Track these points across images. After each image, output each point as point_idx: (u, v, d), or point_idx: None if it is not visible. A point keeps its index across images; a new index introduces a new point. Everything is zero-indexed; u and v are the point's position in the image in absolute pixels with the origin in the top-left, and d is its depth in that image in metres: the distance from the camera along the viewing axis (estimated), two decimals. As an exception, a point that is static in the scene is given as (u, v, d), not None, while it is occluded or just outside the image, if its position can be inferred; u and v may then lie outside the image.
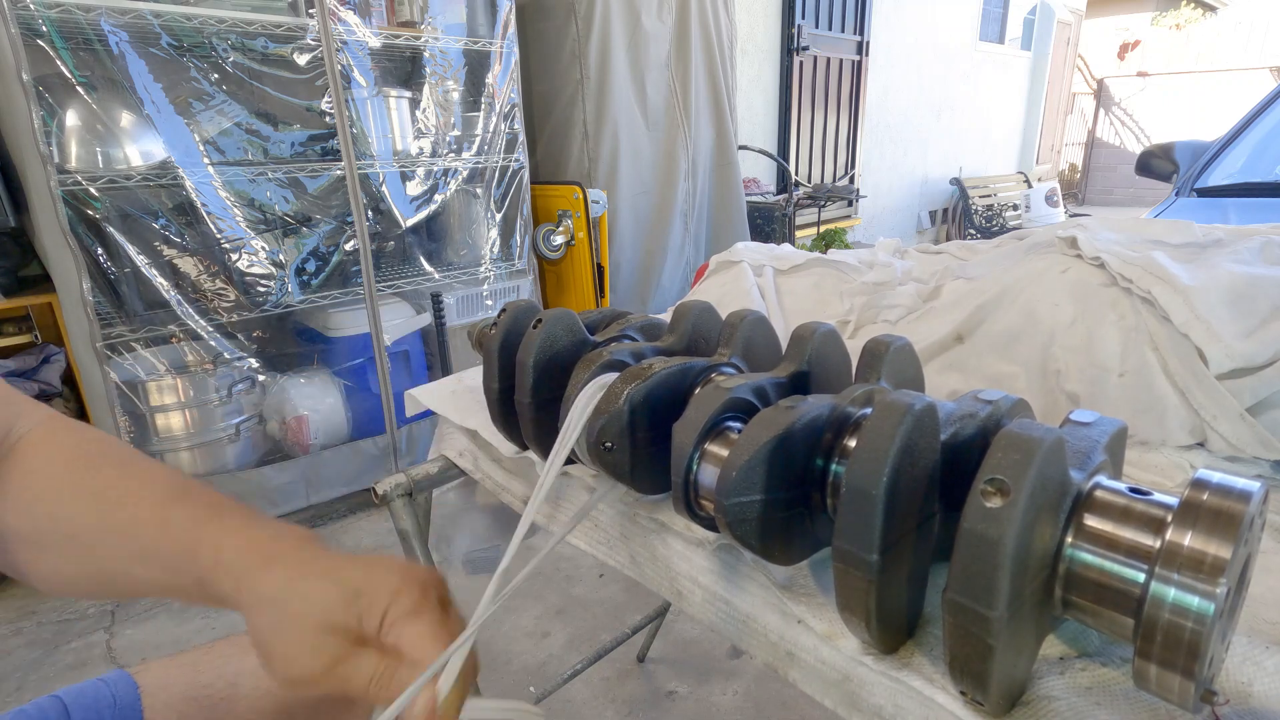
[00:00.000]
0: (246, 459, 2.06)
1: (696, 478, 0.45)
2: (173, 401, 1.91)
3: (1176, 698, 0.31)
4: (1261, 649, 0.37)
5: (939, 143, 6.30)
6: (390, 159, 2.21)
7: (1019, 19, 6.94)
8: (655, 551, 0.56)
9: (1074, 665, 0.38)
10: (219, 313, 1.95)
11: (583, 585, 1.91)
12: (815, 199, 4.22)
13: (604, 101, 2.66)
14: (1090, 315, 0.67)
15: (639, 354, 0.57)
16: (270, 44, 1.92)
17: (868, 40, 4.91)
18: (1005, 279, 0.76)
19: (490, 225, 2.48)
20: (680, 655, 1.66)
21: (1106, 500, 0.35)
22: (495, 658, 1.66)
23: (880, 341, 0.51)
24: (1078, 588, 0.35)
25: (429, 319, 2.33)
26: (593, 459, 0.51)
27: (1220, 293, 0.62)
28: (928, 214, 6.41)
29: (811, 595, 0.46)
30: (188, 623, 1.80)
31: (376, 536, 2.16)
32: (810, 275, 1.00)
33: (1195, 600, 0.29)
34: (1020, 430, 0.32)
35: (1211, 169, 1.98)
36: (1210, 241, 0.75)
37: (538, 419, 0.57)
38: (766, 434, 0.40)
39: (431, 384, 0.84)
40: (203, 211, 1.87)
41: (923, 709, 0.38)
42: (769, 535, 0.41)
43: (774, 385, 0.49)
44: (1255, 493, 0.30)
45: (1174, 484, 0.56)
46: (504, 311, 0.61)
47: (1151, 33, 9.60)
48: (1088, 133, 9.63)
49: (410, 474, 0.75)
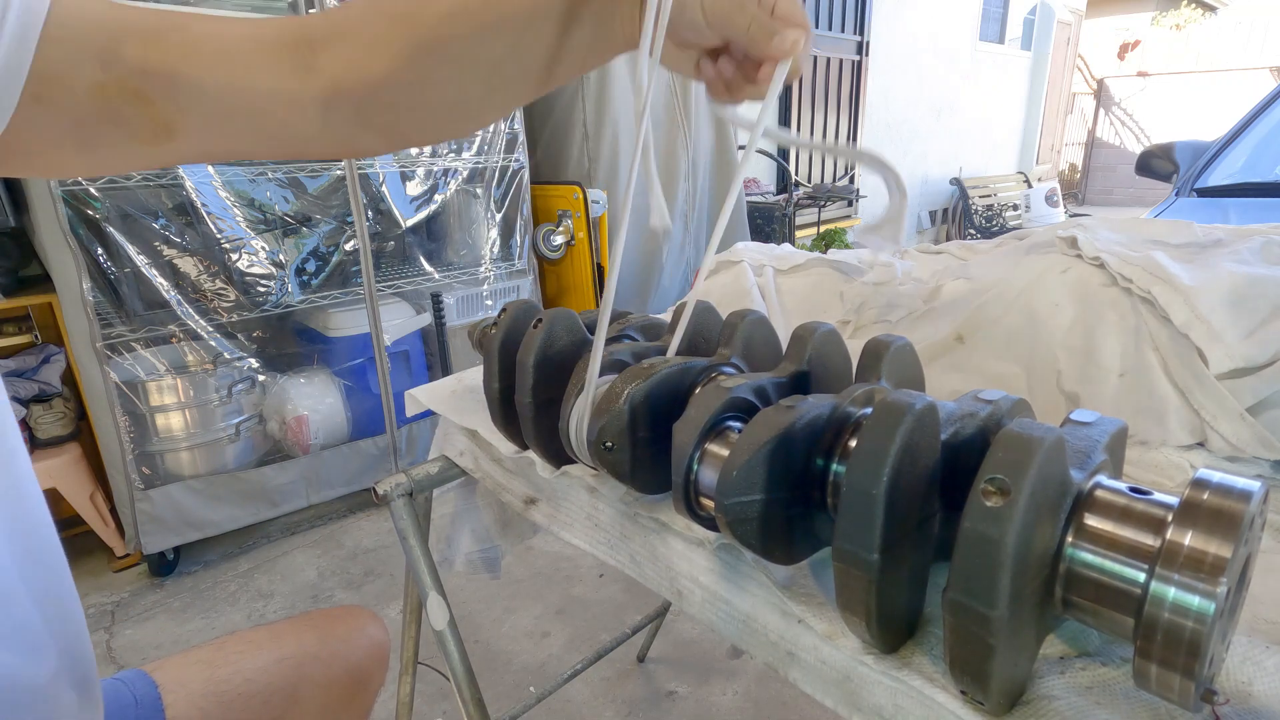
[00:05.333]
0: (246, 459, 2.06)
1: (697, 477, 0.45)
2: (173, 401, 1.91)
3: (1177, 697, 0.31)
4: (1262, 648, 0.37)
5: (939, 143, 6.30)
6: (390, 159, 2.21)
7: (1019, 19, 6.94)
8: (655, 551, 0.56)
9: (1074, 665, 0.38)
10: (219, 313, 1.95)
11: (583, 585, 1.91)
12: (815, 199, 4.22)
13: (604, 101, 2.65)
14: (1090, 315, 0.68)
15: (639, 354, 0.57)
16: (270, 44, 1.91)
17: (868, 40, 4.91)
18: (1005, 279, 0.76)
19: (490, 225, 2.48)
20: (680, 655, 1.66)
21: (1107, 500, 0.35)
22: (495, 658, 1.67)
23: (880, 341, 0.51)
24: (1078, 587, 0.35)
25: (429, 319, 2.33)
26: (593, 458, 0.51)
27: (1220, 293, 0.62)
28: (928, 214, 6.41)
29: (812, 595, 0.46)
30: (188, 623, 1.80)
31: (376, 536, 2.16)
32: (810, 275, 1.00)
33: (1195, 600, 0.29)
34: (1020, 430, 0.32)
35: (1211, 169, 1.98)
36: (1210, 241, 0.75)
37: (538, 419, 0.57)
38: (767, 434, 0.40)
39: (431, 384, 0.84)
40: (203, 211, 1.87)
41: (923, 708, 0.38)
42: (769, 535, 0.41)
43: (774, 385, 0.49)
44: (1255, 492, 0.30)
45: (1174, 484, 0.56)
46: (504, 311, 0.61)
47: (1151, 33, 9.60)
48: (1088, 133, 9.63)
49: (410, 474, 0.75)
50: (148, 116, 0.45)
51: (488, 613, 1.82)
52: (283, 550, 2.12)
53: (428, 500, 0.85)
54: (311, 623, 0.73)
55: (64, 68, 0.42)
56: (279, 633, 0.70)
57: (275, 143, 0.50)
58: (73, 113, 0.44)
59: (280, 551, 2.11)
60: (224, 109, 0.46)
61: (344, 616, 0.76)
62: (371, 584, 1.95)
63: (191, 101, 0.45)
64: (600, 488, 0.59)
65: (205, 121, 0.46)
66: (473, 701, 0.75)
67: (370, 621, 0.77)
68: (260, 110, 0.47)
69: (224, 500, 2.01)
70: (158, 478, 1.92)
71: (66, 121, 0.44)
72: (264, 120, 0.48)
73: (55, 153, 0.46)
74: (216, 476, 1.99)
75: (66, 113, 0.43)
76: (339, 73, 0.47)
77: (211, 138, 0.48)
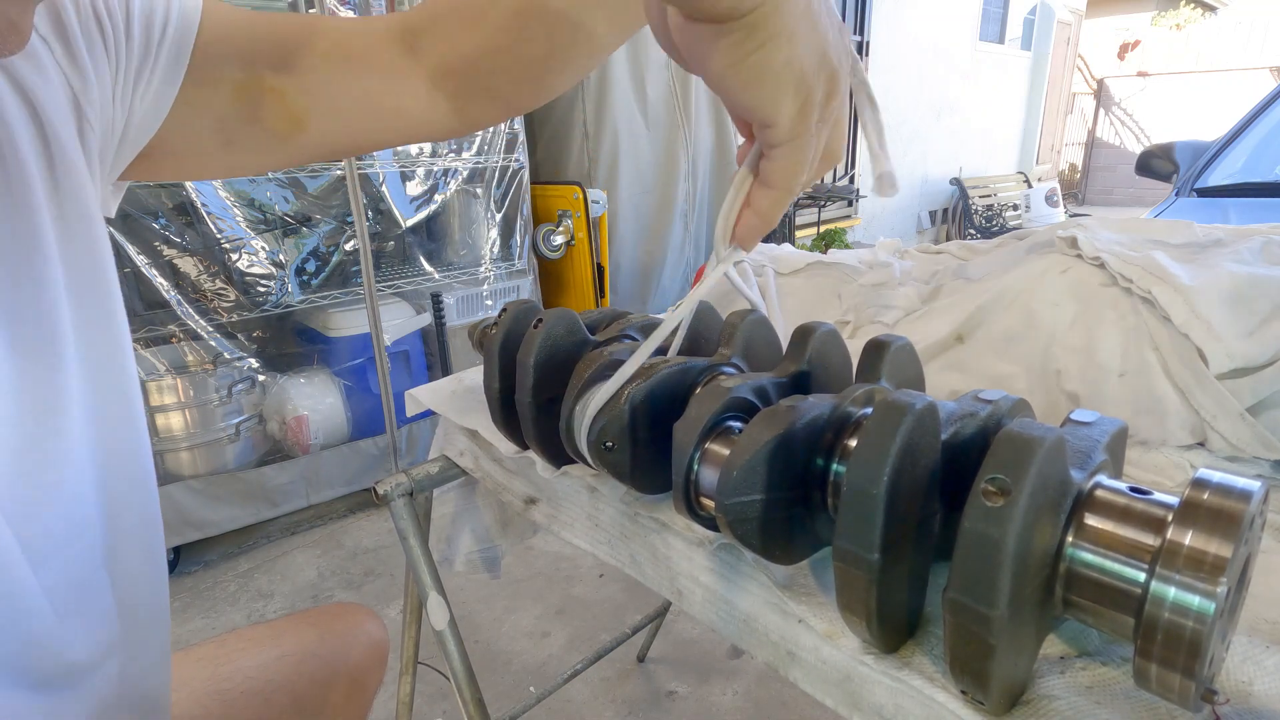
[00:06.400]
0: (246, 459, 2.06)
1: (697, 477, 0.45)
2: (173, 401, 1.91)
3: (1177, 697, 0.31)
4: (1262, 648, 0.37)
5: (939, 143, 6.30)
6: (390, 159, 2.21)
7: (1019, 19, 6.94)
8: (656, 551, 0.56)
9: (1074, 664, 0.38)
10: (219, 313, 1.95)
11: (583, 585, 1.91)
12: (815, 199, 4.23)
13: (604, 101, 2.66)
14: (1090, 315, 0.68)
15: (639, 354, 0.57)
16: (270, 44, 1.91)
17: (868, 40, 4.91)
18: (1005, 279, 0.76)
19: (490, 225, 2.48)
20: (680, 655, 1.66)
21: (1107, 500, 0.35)
22: (495, 658, 1.67)
23: (881, 341, 0.51)
24: (1078, 587, 0.35)
25: (429, 319, 2.33)
26: (594, 458, 0.51)
27: (1220, 292, 0.62)
28: (928, 214, 6.42)
29: (812, 595, 0.46)
30: (188, 623, 1.80)
31: (377, 536, 2.16)
32: (810, 276, 1.00)
33: (1196, 599, 0.29)
34: (1021, 430, 0.32)
35: (1211, 169, 1.98)
36: (1210, 241, 0.75)
37: (538, 419, 0.57)
38: (767, 433, 0.40)
39: (431, 384, 0.84)
40: (203, 211, 1.87)
41: (923, 708, 0.38)
42: (770, 535, 0.41)
43: (775, 385, 0.49)
44: (1255, 492, 0.30)
45: (1174, 484, 0.56)
46: (504, 311, 0.61)
47: (1151, 33, 9.60)
48: (1088, 133, 9.63)
49: (411, 474, 0.75)
50: (281, 110, 0.50)
51: (488, 613, 1.82)
52: (283, 550, 2.12)
53: (428, 500, 0.85)
54: (311, 620, 0.73)
55: (211, 71, 0.47)
56: (279, 630, 0.70)
57: (392, 128, 0.56)
58: (217, 110, 0.48)
59: (280, 551, 2.11)
60: (346, 98, 0.52)
61: (343, 614, 0.76)
62: (371, 584, 1.95)
63: (317, 94, 0.51)
64: (600, 488, 0.59)
65: (330, 111, 0.52)
66: (473, 701, 0.75)
67: (369, 619, 0.77)
68: (376, 95, 0.52)
69: (224, 500, 2.01)
70: (158, 477, 1.91)
71: (211, 120, 0.48)
72: (380, 104, 0.53)
73: (198, 153, 0.51)
74: (216, 476, 1.99)
75: (211, 110, 0.48)
76: (442, 51, 0.52)
77: (336, 127, 0.53)
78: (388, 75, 0.52)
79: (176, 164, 0.51)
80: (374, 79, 0.52)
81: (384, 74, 0.52)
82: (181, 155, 0.50)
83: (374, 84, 0.52)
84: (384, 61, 0.52)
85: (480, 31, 0.51)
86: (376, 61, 0.52)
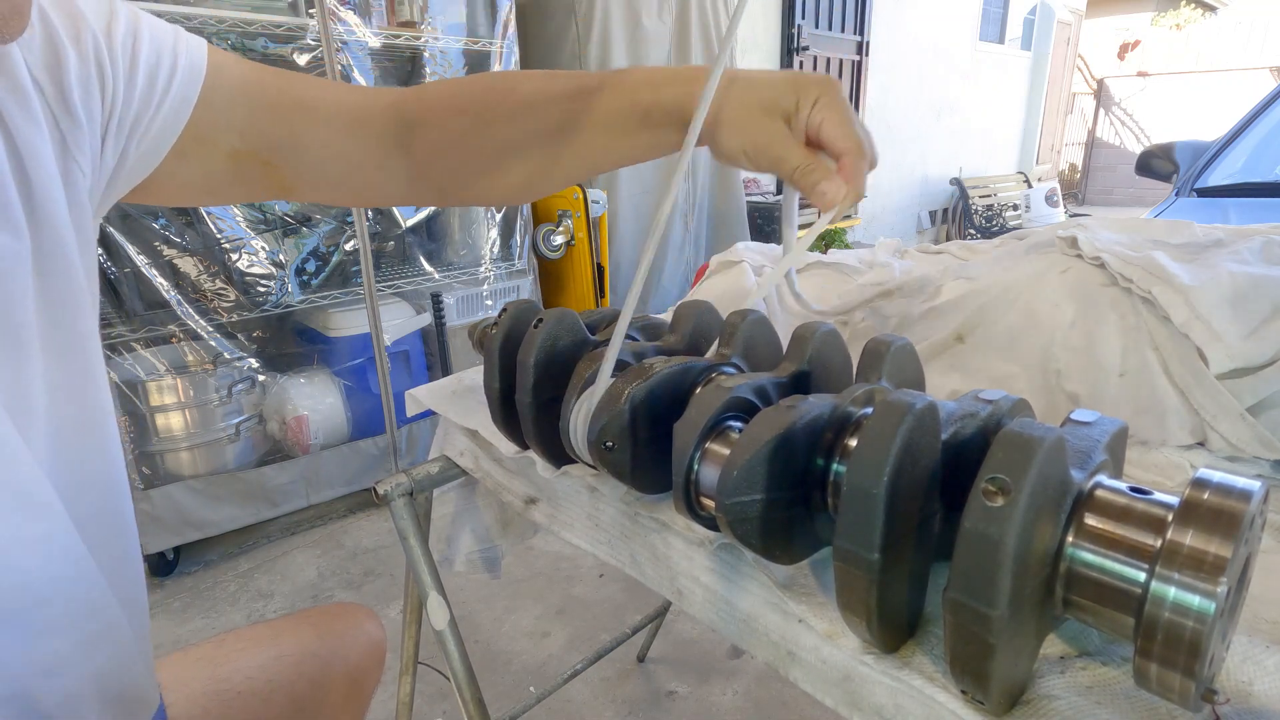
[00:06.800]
0: (246, 459, 2.06)
1: (697, 477, 0.45)
2: (173, 401, 1.91)
3: (1177, 697, 0.31)
4: (1262, 648, 0.37)
5: (939, 143, 6.30)
6: (390, 159, 2.20)
7: (1019, 19, 6.94)
8: (656, 551, 0.56)
9: (1074, 664, 0.38)
10: (219, 313, 1.95)
11: (583, 585, 1.91)
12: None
13: (604, 101, 2.65)
14: (1090, 315, 0.68)
15: (640, 353, 0.57)
16: (270, 44, 1.91)
17: (868, 40, 4.91)
18: (1005, 279, 0.76)
19: (490, 225, 2.48)
20: (680, 655, 1.66)
21: (1107, 499, 0.35)
22: (495, 658, 1.67)
23: (881, 341, 0.51)
24: (1078, 587, 0.35)
25: (429, 319, 2.33)
26: (594, 458, 0.51)
27: (1221, 292, 0.62)
28: (928, 214, 6.41)
29: (812, 594, 0.46)
30: (188, 623, 1.80)
31: (376, 536, 2.16)
32: (811, 276, 1.00)
33: (1196, 599, 0.29)
34: (1021, 430, 0.32)
35: (1211, 169, 1.98)
36: (1210, 241, 0.75)
37: (538, 419, 0.57)
38: (767, 433, 0.40)
39: (432, 384, 0.84)
40: (203, 211, 1.87)
41: (924, 708, 0.38)
42: (770, 534, 0.41)
43: (775, 385, 0.49)
44: (1256, 492, 0.30)
45: (1174, 483, 0.56)
46: (504, 311, 0.61)
47: (1151, 33, 9.60)
48: (1088, 133, 9.63)
49: (411, 474, 0.75)
50: (272, 180, 0.53)
51: (488, 613, 1.82)
52: (283, 550, 2.12)
53: (428, 500, 0.85)
54: (310, 620, 0.73)
55: (209, 131, 0.48)
56: (278, 630, 0.70)
57: (364, 198, 0.63)
58: (207, 168, 0.50)
59: (280, 551, 2.11)
60: (336, 174, 0.56)
61: (341, 614, 0.76)
62: (371, 584, 1.95)
63: (310, 168, 0.54)
64: (601, 487, 0.59)
65: (318, 182, 0.56)
66: (473, 701, 0.75)
67: (367, 619, 0.77)
68: (363, 173, 0.57)
69: (224, 500, 2.01)
70: (158, 478, 1.92)
71: (200, 175, 0.50)
72: (364, 181, 0.58)
73: (181, 196, 0.53)
74: (216, 476, 1.99)
75: (202, 168, 0.50)
76: (428, 156, 0.57)
77: (319, 194, 0.58)
78: (379, 162, 0.56)
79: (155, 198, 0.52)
80: (366, 163, 0.56)
81: (376, 160, 0.56)
82: (162, 195, 0.51)
83: (365, 166, 0.56)
84: (377, 147, 0.56)
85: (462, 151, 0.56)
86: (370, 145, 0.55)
